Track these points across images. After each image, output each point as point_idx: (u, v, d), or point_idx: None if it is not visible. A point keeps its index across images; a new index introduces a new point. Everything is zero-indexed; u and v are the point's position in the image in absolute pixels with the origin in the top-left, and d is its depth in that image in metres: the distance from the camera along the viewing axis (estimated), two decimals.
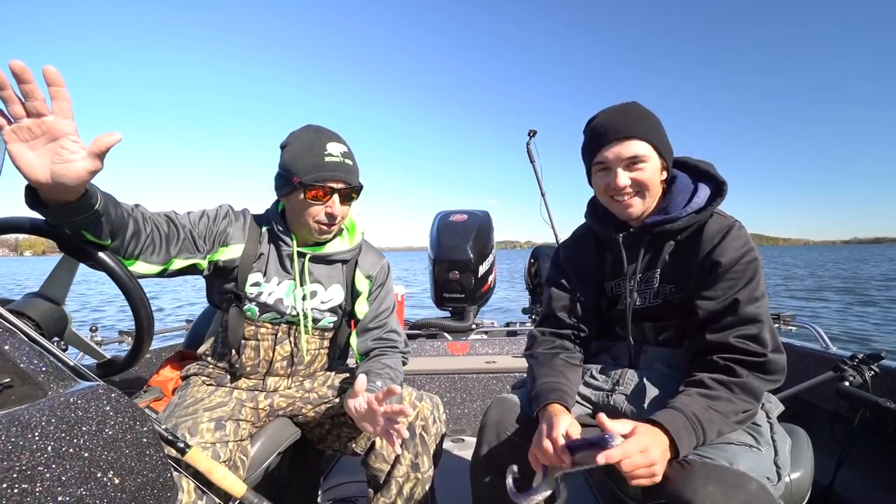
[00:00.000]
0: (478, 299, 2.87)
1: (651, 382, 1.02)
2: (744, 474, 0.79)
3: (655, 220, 1.04)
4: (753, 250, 0.96)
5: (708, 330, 0.95)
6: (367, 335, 1.33)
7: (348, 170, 1.15)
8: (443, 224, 2.93)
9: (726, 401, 0.87)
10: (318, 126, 1.20)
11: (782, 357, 0.92)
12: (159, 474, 0.63)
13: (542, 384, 1.02)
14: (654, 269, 1.06)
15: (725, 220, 1.01)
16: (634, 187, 1.01)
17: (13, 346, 0.60)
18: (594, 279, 1.17)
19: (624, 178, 1.00)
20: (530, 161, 3.19)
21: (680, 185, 1.06)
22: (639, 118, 1.01)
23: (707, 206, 1.01)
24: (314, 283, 1.27)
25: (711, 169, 1.07)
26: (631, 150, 0.99)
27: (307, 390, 1.30)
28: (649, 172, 1.00)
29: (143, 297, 0.96)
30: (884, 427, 1.41)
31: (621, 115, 1.02)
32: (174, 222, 1.08)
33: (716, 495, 0.75)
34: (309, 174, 1.11)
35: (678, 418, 0.83)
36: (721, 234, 0.98)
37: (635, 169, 1.00)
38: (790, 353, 1.95)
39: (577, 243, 1.21)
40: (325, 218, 1.16)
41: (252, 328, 1.23)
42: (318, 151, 1.13)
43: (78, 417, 0.55)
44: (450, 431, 2.35)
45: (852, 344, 7.40)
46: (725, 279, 0.95)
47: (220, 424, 1.07)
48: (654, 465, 0.77)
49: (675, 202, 1.04)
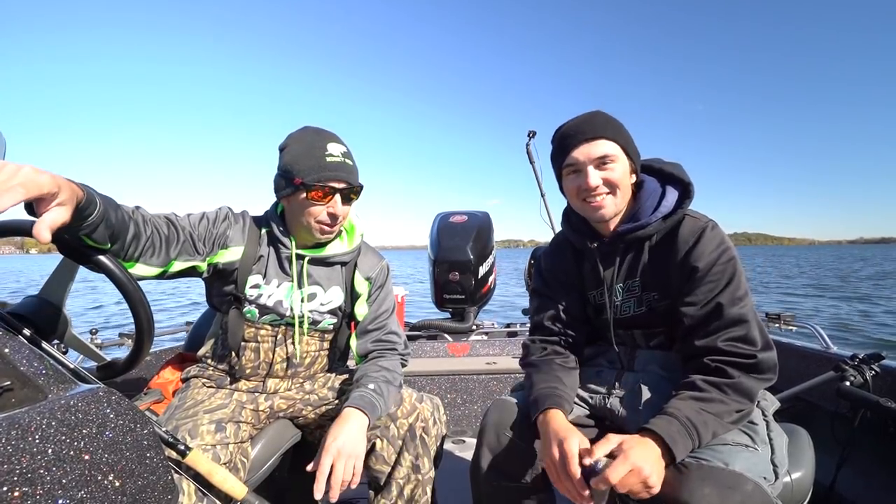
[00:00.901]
0: (478, 300, 2.87)
1: (646, 384, 1.03)
2: (740, 475, 0.79)
3: (626, 227, 1.05)
4: (730, 249, 0.96)
5: (695, 336, 0.95)
6: (367, 337, 1.33)
7: (349, 170, 1.16)
8: (443, 225, 2.93)
9: (719, 402, 0.87)
10: (316, 127, 1.20)
11: (772, 354, 0.92)
12: (160, 477, 0.63)
13: (539, 390, 1.02)
14: (634, 277, 1.06)
15: (698, 221, 1.00)
16: (606, 187, 1.01)
17: (13, 349, 0.60)
18: (576, 287, 1.17)
19: (595, 177, 1.00)
20: (530, 162, 3.20)
21: (648, 190, 1.06)
22: (606, 120, 1.03)
23: (676, 210, 1.01)
24: (313, 286, 1.27)
25: (677, 171, 1.07)
26: (600, 150, 1.00)
27: (307, 392, 1.30)
28: (619, 172, 1.01)
29: (142, 299, 0.96)
30: (885, 427, 1.41)
31: (588, 119, 1.03)
32: (174, 224, 1.08)
33: (712, 497, 0.75)
34: (310, 175, 1.11)
35: (672, 424, 0.83)
36: (695, 236, 0.98)
37: (605, 168, 1.01)
38: (790, 353, 1.96)
39: (556, 252, 1.22)
40: (326, 218, 1.16)
41: (252, 330, 1.23)
42: (319, 152, 1.13)
43: (78, 420, 0.55)
44: (450, 433, 2.35)
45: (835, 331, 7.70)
46: (705, 283, 0.95)
47: (221, 426, 1.07)
48: (649, 479, 0.77)
49: (643, 208, 1.04)
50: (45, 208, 0.71)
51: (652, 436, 0.83)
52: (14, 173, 0.65)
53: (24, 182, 0.65)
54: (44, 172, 0.69)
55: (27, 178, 0.66)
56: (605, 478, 0.76)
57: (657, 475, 0.78)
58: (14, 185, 0.64)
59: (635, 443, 0.81)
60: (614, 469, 0.76)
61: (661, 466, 0.80)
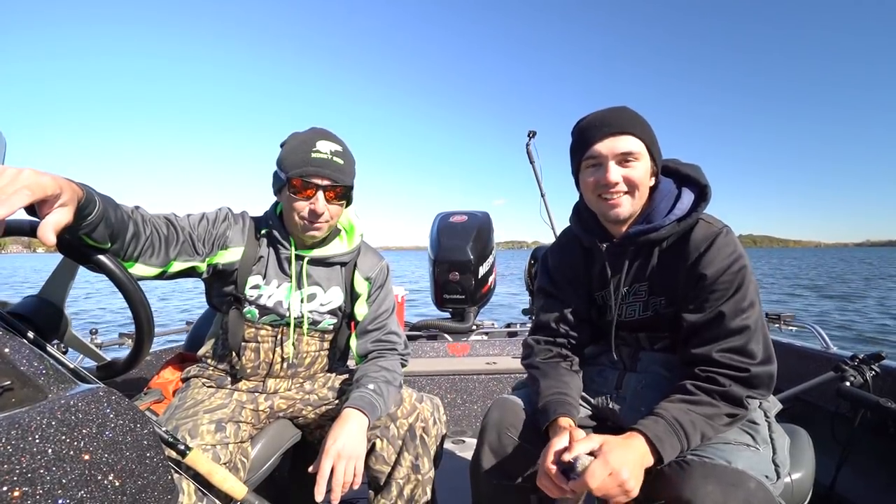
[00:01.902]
0: (478, 300, 2.87)
1: (649, 386, 1.02)
2: (743, 472, 0.79)
3: (638, 229, 1.01)
4: (741, 258, 0.93)
5: (693, 343, 0.93)
6: (367, 337, 1.33)
7: (335, 167, 1.14)
8: (443, 225, 2.93)
9: (708, 405, 0.86)
10: (320, 128, 1.20)
11: (771, 368, 0.90)
12: (160, 476, 0.63)
13: (547, 397, 1.00)
14: (642, 281, 1.03)
15: (711, 227, 0.97)
16: (625, 185, 0.97)
17: (13, 349, 0.60)
18: (584, 286, 1.15)
19: (616, 173, 0.96)
20: (530, 162, 3.20)
21: (663, 192, 1.02)
22: (633, 116, 0.98)
23: (691, 213, 0.98)
24: (313, 286, 1.27)
25: (694, 172, 1.03)
26: (625, 145, 0.95)
27: (307, 392, 1.30)
28: (640, 172, 0.97)
29: (142, 299, 0.96)
30: (885, 427, 1.41)
31: (614, 112, 0.99)
32: (173, 224, 1.08)
33: (715, 494, 0.75)
34: (294, 169, 1.12)
35: (658, 423, 0.83)
36: (707, 242, 0.95)
37: (627, 166, 0.96)
38: (790, 354, 1.95)
39: (563, 250, 1.19)
40: (308, 214, 1.15)
41: (252, 330, 1.23)
42: (307, 148, 1.13)
43: (78, 420, 0.55)
44: (450, 433, 2.35)
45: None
46: (711, 291, 0.92)
47: (221, 426, 1.07)
48: (626, 484, 0.75)
49: (657, 210, 1.01)
50: (47, 210, 0.71)
51: (639, 435, 0.82)
52: (16, 177, 0.65)
53: (28, 185, 0.65)
54: (44, 174, 0.69)
55: (30, 181, 0.66)
56: (582, 482, 0.76)
57: (635, 479, 0.77)
58: (18, 188, 0.64)
59: (616, 445, 0.79)
60: (592, 473, 0.75)
61: (641, 470, 0.79)
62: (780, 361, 0.93)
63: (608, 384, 1.09)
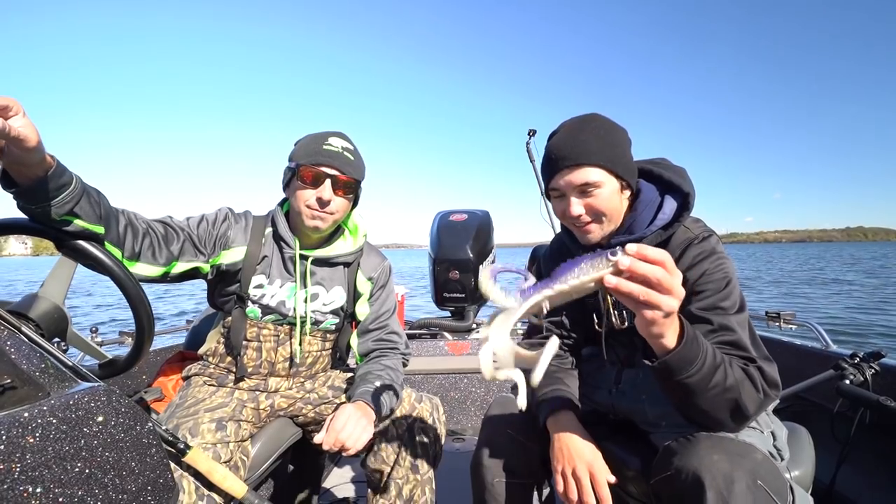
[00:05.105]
0: (478, 299, 2.87)
1: (647, 377, 1.02)
2: (750, 445, 0.79)
3: (619, 240, 0.99)
4: (717, 261, 0.91)
5: None
6: (368, 336, 1.34)
7: (344, 160, 1.17)
8: (443, 224, 2.93)
9: (736, 367, 0.80)
10: (335, 130, 1.23)
11: (773, 365, 0.87)
12: (160, 475, 0.63)
13: (544, 393, 1.02)
14: None
15: (688, 232, 0.96)
16: (590, 215, 0.96)
17: (14, 348, 0.60)
18: None
19: (577, 206, 0.95)
20: (530, 160, 3.19)
21: (645, 201, 1.00)
22: (592, 140, 0.94)
23: (673, 222, 0.96)
24: (316, 286, 1.27)
25: (677, 178, 0.99)
26: (582, 178, 0.93)
27: (308, 391, 1.30)
28: (604, 198, 0.95)
29: (143, 297, 0.96)
30: (885, 426, 1.41)
31: (573, 138, 0.95)
32: (170, 225, 1.08)
33: (722, 463, 0.74)
34: (305, 159, 1.15)
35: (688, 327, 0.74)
36: (681, 248, 0.94)
37: (589, 195, 0.95)
38: (790, 353, 1.95)
39: (555, 255, 1.19)
40: (315, 203, 1.16)
41: (254, 329, 1.23)
42: (320, 141, 1.17)
43: (79, 418, 0.55)
44: (449, 431, 2.35)
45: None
46: (689, 293, 0.89)
47: (221, 425, 1.08)
48: (667, 263, 0.61)
49: (639, 220, 0.99)
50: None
51: None
52: None
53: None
54: None
55: None
56: (613, 278, 0.63)
57: (671, 308, 0.64)
58: None
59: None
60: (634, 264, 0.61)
61: (676, 317, 0.70)
62: (779, 360, 0.93)
63: (607, 380, 1.09)
